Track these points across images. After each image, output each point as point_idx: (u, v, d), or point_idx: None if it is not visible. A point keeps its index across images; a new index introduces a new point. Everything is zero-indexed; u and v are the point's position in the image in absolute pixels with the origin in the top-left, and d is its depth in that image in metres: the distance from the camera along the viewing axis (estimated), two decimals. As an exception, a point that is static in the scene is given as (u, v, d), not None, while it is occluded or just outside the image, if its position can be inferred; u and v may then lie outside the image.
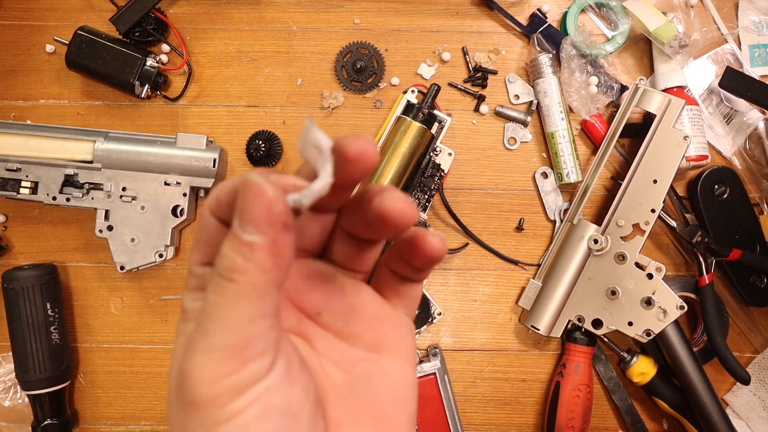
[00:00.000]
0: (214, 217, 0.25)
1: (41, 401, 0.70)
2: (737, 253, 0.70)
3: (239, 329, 0.22)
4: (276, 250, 0.22)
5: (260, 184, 0.22)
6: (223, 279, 0.23)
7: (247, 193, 0.22)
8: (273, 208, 0.22)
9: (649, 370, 0.71)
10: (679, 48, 0.72)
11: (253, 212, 0.22)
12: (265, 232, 0.22)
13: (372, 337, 0.28)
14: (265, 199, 0.22)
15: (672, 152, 0.69)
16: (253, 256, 0.22)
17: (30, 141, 0.70)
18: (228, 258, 0.23)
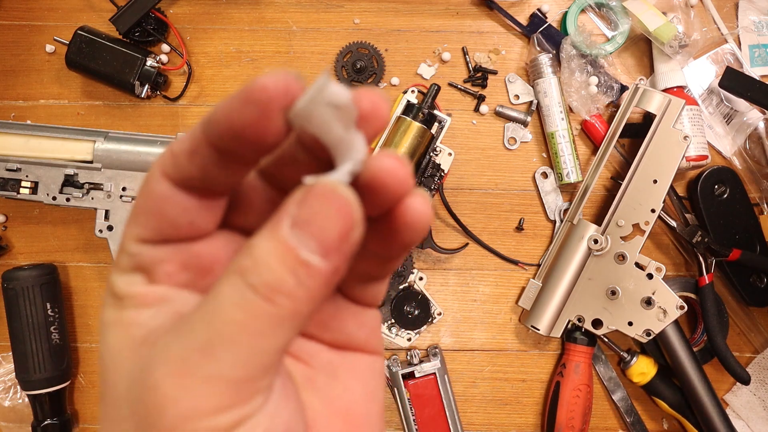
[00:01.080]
0: (168, 181, 0.20)
1: (41, 401, 0.70)
2: (737, 253, 0.70)
3: (259, 360, 0.18)
4: (333, 280, 0.19)
5: (347, 197, 0.18)
6: (259, 296, 0.18)
7: (326, 203, 0.18)
8: (354, 233, 0.18)
9: (649, 370, 0.71)
10: (679, 48, 0.72)
11: (327, 230, 0.18)
12: (332, 258, 0.18)
13: (334, 337, 0.24)
14: (349, 220, 0.18)
15: (672, 152, 0.69)
16: (308, 281, 0.18)
17: (30, 141, 0.70)
18: (273, 273, 0.18)
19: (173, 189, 0.20)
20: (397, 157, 0.19)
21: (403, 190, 0.19)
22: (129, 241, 0.21)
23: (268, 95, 0.18)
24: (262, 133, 0.19)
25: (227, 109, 0.19)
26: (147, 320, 0.21)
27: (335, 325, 0.24)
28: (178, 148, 0.20)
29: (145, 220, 0.21)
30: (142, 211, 0.21)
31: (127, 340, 0.20)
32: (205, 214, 0.21)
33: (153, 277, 0.21)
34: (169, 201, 0.20)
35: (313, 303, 0.18)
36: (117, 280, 0.21)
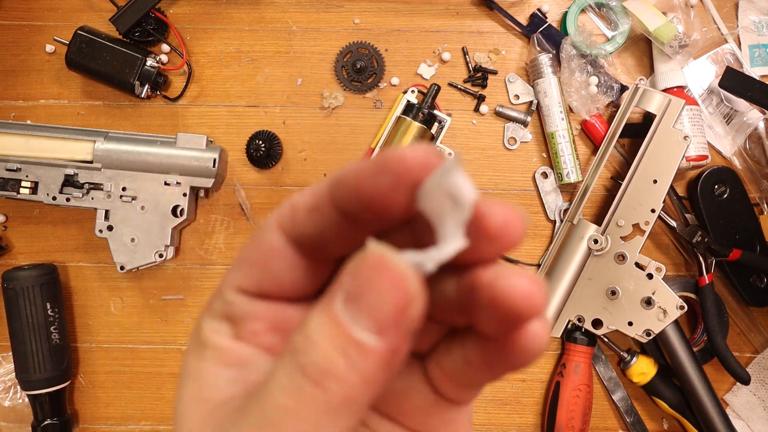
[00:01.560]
0: (282, 234, 0.19)
1: (41, 401, 0.70)
2: (737, 253, 0.70)
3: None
4: (392, 360, 0.17)
5: (401, 268, 0.16)
6: (307, 379, 0.16)
7: (379, 276, 0.16)
8: (412, 308, 0.16)
9: (649, 370, 0.71)
10: (679, 48, 0.72)
11: (381, 305, 0.16)
12: (388, 336, 0.16)
13: (416, 425, 0.22)
14: (404, 293, 0.16)
15: (672, 152, 0.69)
16: (361, 363, 0.16)
17: (30, 141, 0.70)
18: (323, 354, 0.16)
19: (285, 243, 0.20)
20: (534, 279, 0.17)
21: (531, 316, 0.17)
22: (227, 288, 0.21)
23: (406, 167, 0.17)
24: (390, 203, 0.18)
25: (359, 173, 0.18)
26: (223, 385, 0.20)
27: (418, 417, 0.22)
28: (300, 203, 0.19)
29: (249, 270, 0.20)
30: (248, 259, 0.20)
31: (200, 403, 0.20)
32: (310, 276, 0.20)
33: (240, 332, 0.21)
34: (278, 254, 0.20)
35: (369, 387, 0.17)
36: (205, 324, 0.21)
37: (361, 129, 0.75)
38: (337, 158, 0.75)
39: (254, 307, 0.21)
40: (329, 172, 0.75)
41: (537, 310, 0.17)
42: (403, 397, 0.22)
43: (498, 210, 0.17)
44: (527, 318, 0.17)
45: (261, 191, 0.75)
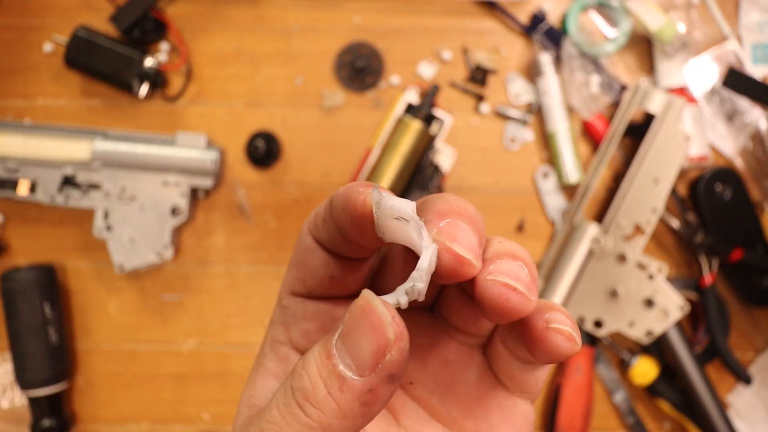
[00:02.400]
0: (311, 236, 0.22)
1: (39, 402, 0.69)
2: (739, 253, 0.70)
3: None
4: (368, 399, 0.18)
5: (381, 317, 0.18)
6: (294, 402, 0.18)
7: (362, 319, 0.18)
8: (386, 353, 0.18)
9: (650, 371, 0.71)
10: (680, 47, 0.71)
11: (360, 346, 0.18)
12: (367, 376, 0.18)
13: (474, 425, 0.23)
14: (380, 339, 0.18)
15: (673, 152, 0.68)
16: (338, 395, 0.18)
17: (28, 141, 0.70)
18: (308, 379, 0.18)
19: (315, 244, 0.22)
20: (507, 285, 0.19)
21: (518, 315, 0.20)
22: (283, 293, 0.24)
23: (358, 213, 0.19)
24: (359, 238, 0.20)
25: (338, 205, 0.20)
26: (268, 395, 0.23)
27: (479, 412, 0.23)
28: (319, 212, 0.22)
29: (295, 271, 0.23)
30: (294, 262, 0.23)
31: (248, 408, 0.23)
32: (345, 273, 0.22)
33: (293, 335, 0.23)
34: (311, 253, 0.22)
35: (345, 420, 0.18)
36: (268, 331, 0.24)
37: (360, 129, 0.75)
38: (337, 158, 0.75)
39: (305, 308, 0.23)
40: (329, 171, 0.75)
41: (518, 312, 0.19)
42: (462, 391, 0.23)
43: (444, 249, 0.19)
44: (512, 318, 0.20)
45: (260, 191, 0.75)
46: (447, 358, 0.23)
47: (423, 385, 0.23)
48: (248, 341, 0.74)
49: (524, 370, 0.23)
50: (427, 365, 0.23)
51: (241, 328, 0.74)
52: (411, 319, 0.24)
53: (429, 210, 0.20)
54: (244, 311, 0.74)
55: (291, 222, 0.74)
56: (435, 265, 0.19)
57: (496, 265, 0.20)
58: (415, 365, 0.23)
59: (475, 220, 0.20)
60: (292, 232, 0.74)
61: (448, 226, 0.19)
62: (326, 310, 0.23)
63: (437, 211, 0.20)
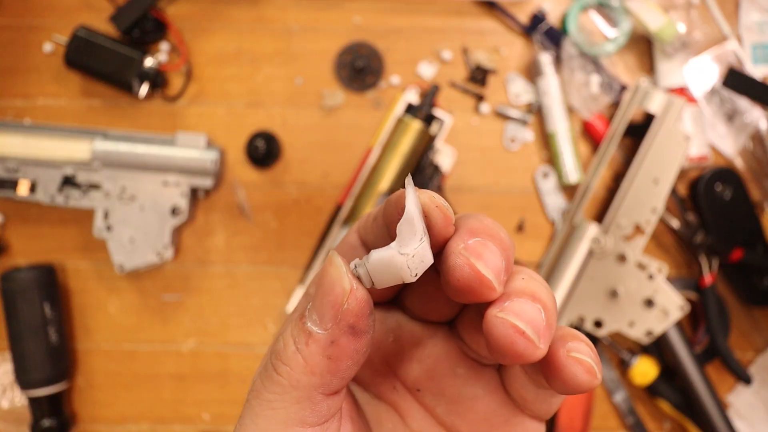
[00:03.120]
0: (357, 235, 0.23)
1: (39, 402, 0.69)
2: (739, 254, 0.70)
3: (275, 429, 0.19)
4: (333, 353, 0.19)
5: (338, 270, 0.19)
6: (270, 364, 0.20)
7: (323, 276, 0.19)
8: (342, 303, 0.19)
9: (650, 371, 0.71)
10: (680, 47, 0.71)
11: (322, 301, 0.19)
12: (329, 327, 0.19)
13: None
14: (337, 291, 0.19)
15: (673, 152, 0.68)
16: (305, 350, 0.19)
17: (28, 141, 0.70)
18: (282, 340, 0.20)
19: (359, 242, 0.23)
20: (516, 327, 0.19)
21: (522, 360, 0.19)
22: None
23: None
24: None
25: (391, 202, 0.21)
26: None
27: (484, 427, 0.23)
28: (372, 212, 0.23)
29: None
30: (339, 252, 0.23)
31: None
32: None
33: None
34: (354, 251, 0.23)
35: (312, 377, 0.19)
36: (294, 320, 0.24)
37: (360, 129, 0.75)
38: (337, 158, 0.75)
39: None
40: (329, 171, 0.75)
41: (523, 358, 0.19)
42: (470, 404, 0.23)
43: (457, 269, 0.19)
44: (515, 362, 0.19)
45: (260, 191, 0.75)
46: (456, 371, 0.23)
47: (430, 393, 0.23)
48: (248, 341, 0.74)
49: (539, 395, 0.22)
50: (434, 376, 0.23)
51: (241, 328, 0.74)
52: (427, 330, 0.24)
53: (461, 225, 0.20)
54: (244, 311, 0.74)
55: (291, 222, 0.74)
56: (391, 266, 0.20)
57: (511, 303, 0.19)
58: (423, 373, 0.23)
59: (506, 246, 0.20)
60: (292, 232, 0.74)
61: (476, 243, 0.19)
62: None
63: (469, 228, 0.20)
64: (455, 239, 0.19)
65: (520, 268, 0.21)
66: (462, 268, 0.19)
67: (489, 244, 0.19)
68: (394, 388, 0.24)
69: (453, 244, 0.19)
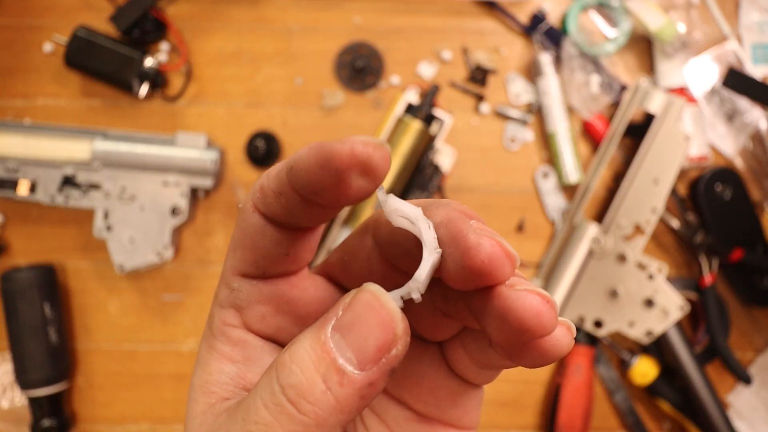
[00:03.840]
0: (259, 214, 0.21)
1: (39, 402, 0.69)
2: (739, 254, 0.70)
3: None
4: (367, 393, 0.18)
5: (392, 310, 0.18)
6: (286, 399, 0.18)
7: (369, 314, 0.18)
8: (392, 347, 0.18)
9: (650, 371, 0.71)
10: (680, 47, 0.71)
11: (368, 340, 0.17)
12: (369, 370, 0.18)
13: (426, 408, 0.23)
14: (390, 334, 0.18)
15: (673, 152, 0.68)
16: (338, 390, 0.17)
17: (28, 141, 0.70)
18: (301, 374, 0.18)
19: (265, 222, 0.21)
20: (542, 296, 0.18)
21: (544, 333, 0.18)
22: (229, 275, 0.22)
23: (342, 165, 0.18)
24: (338, 195, 0.19)
25: (306, 167, 0.19)
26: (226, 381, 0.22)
27: (429, 398, 0.22)
28: (267, 186, 0.20)
29: (243, 253, 0.21)
30: (240, 244, 0.21)
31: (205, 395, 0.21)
32: (299, 245, 0.21)
33: (248, 318, 0.22)
34: (262, 233, 0.21)
35: (341, 415, 0.18)
36: (216, 314, 0.22)
37: (360, 128, 0.75)
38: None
39: (259, 290, 0.22)
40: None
41: (546, 329, 0.17)
42: (415, 379, 0.23)
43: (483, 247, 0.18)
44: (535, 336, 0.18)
45: (260, 191, 0.75)
46: None
47: None
48: (248, 341, 0.74)
49: (481, 373, 0.22)
50: None
51: (241, 328, 0.74)
52: None
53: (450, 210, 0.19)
54: (244, 311, 0.74)
55: (291, 222, 0.74)
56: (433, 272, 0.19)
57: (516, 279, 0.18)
58: None
59: None
60: (292, 232, 0.74)
61: (480, 225, 0.18)
62: (281, 291, 0.22)
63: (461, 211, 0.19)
64: (458, 223, 0.18)
65: None
66: (491, 247, 0.18)
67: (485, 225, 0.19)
68: None
69: (464, 228, 0.18)
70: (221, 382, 0.22)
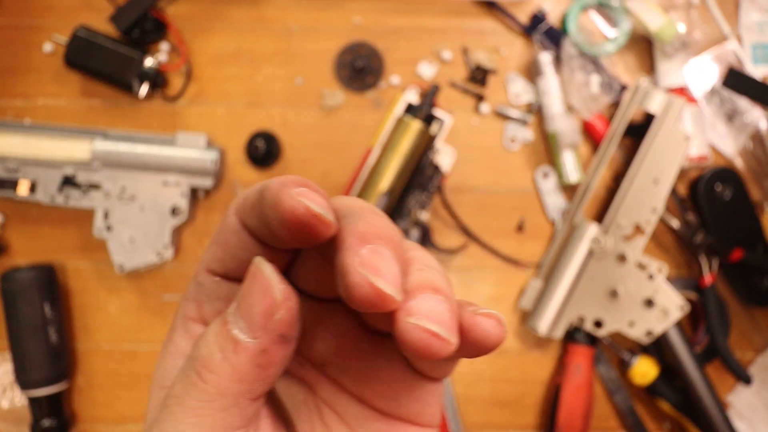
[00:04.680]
0: (237, 218, 0.22)
1: (39, 402, 0.69)
2: (739, 254, 0.70)
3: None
4: (262, 361, 0.19)
5: (269, 279, 0.19)
6: (193, 371, 0.20)
7: (252, 283, 0.19)
8: (274, 313, 0.19)
9: (650, 371, 0.71)
10: (680, 47, 0.72)
11: (251, 308, 0.19)
12: (259, 336, 0.19)
13: (385, 404, 0.23)
14: (268, 300, 0.19)
15: (673, 152, 0.68)
16: (233, 358, 0.19)
17: (28, 140, 0.70)
18: (206, 347, 0.20)
19: (240, 227, 0.22)
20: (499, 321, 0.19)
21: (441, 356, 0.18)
22: (200, 269, 0.23)
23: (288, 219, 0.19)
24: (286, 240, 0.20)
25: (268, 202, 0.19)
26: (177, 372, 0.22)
27: (388, 393, 0.23)
28: (248, 196, 0.21)
29: (216, 249, 0.22)
30: (215, 240, 0.23)
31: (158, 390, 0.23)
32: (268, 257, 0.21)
33: (204, 312, 0.23)
34: (235, 236, 0.22)
35: (241, 383, 0.19)
36: (180, 306, 0.24)
37: (360, 129, 0.75)
38: (337, 158, 0.75)
39: (220, 287, 0.23)
40: (329, 171, 0.75)
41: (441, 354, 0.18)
42: (373, 374, 0.23)
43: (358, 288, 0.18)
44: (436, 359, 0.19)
45: (260, 191, 0.75)
46: (359, 346, 0.23)
47: (335, 367, 0.24)
48: (248, 341, 0.74)
49: (435, 366, 0.23)
50: (338, 351, 0.23)
51: (241, 328, 0.74)
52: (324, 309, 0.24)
53: (350, 231, 0.19)
54: (244, 311, 0.74)
55: (291, 222, 0.74)
56: None
57: (417, 303, 0.18)
58: (326, 350, 0.23)
59: (397, 244, 0.19)
60: (292, 232, 0.74)
61: (371, 254, 0.18)
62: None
63: (359, 235, 0.18)
64: (348, 253, 0.18)
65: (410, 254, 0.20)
66: (362, 287, 0.18)
67: (383, 252, 0.18)
68: (300, 364, 0.24)
69: (348, 260, 0.18)
70: (173, 375, 0.22)
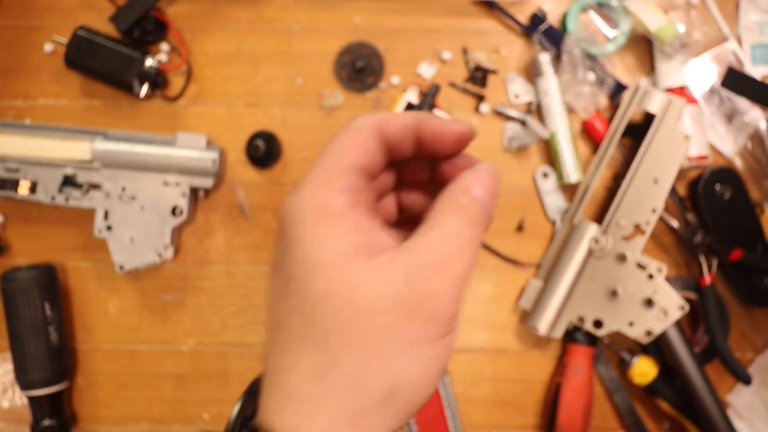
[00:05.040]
0: (377, 139, 0.30)
1: (40, 402, 0.69)
2: (738, 254, 0.70)
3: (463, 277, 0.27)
4: (486, 219, 0.29)
5: (497, 174, 0.31)
6: (477, 225, 0.29)
7: (490, 173, 0.30)
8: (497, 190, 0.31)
9: (650, 370, 0.71)
10: (680, 47, 0.72)
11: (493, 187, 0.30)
12: (493, 200, 0.30)
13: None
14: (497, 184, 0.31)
15: (673, 152, 0.69)
16: (486, 210, 0.29)
17: (29, 141, 0.70)
18: (486, 207, 0.29)
19: (380, 149, 0.31)
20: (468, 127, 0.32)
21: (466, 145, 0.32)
22: (347, 167, 0.29)
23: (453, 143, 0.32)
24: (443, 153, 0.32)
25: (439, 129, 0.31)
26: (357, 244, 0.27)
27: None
28: (393, 123, 0.31)
29: (362, 154, 0.29)
30: (360, 145, 0.30)
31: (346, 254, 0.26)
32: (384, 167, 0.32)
33: (358, 201, 0.29)
34: (371, 152, 0.30)
35: (482, 227, 0.28)
36: (330, 196, 0.28)
37: (361, 129, 0.75)
38: (337, 158, 0.75)
39: (366, 184, 0.30)
40: (329, 171, 0.75)
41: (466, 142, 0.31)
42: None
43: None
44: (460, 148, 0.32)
45: (260, 191, 0.75)
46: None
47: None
48: (248, 341, 0.74)
49: None
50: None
51: (241, 327, 0.74)
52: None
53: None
54: (244, 311, 0.74)
55: (291, 222, 0.74)
56: None
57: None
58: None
59: None
60: (292, 232, 0.74)
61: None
62: (374, 188, 0.32)
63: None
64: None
65: None
66: (466, 126, 0.31)
67: None
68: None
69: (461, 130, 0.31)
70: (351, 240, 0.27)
